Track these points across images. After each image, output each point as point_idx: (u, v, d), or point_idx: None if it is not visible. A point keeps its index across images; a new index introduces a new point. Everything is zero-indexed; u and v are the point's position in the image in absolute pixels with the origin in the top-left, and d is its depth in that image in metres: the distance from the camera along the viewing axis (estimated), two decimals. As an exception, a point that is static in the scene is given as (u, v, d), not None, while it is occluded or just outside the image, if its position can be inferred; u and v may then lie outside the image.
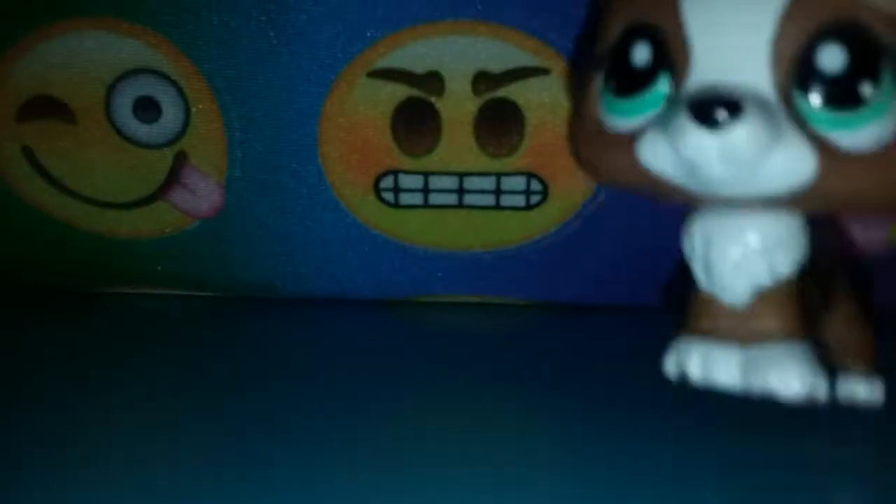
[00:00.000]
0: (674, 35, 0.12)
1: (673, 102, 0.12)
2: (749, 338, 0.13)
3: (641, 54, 0.12)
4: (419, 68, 0.22)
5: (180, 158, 0.23)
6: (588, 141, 0.14)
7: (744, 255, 0.13)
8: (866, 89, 0.11)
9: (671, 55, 0.12)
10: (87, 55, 0.22)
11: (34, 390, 0.19)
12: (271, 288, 0.25)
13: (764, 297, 0.13)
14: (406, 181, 0.23)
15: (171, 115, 0.23)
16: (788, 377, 0.13)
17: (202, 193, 0.24)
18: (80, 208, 0.24)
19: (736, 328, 0.14)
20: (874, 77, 0.11)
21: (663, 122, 0.12)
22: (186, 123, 0.23)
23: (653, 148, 0.12)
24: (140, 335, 0.24)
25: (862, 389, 0.16)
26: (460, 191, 0.23)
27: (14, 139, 0.23)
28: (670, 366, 0.14)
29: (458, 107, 0.22)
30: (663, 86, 0.12)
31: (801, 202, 0.12)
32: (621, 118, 0.13)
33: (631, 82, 0.13)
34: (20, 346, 0.22)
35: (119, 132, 0.23)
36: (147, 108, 0.23)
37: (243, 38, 0.22)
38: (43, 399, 0.19)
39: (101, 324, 0.24)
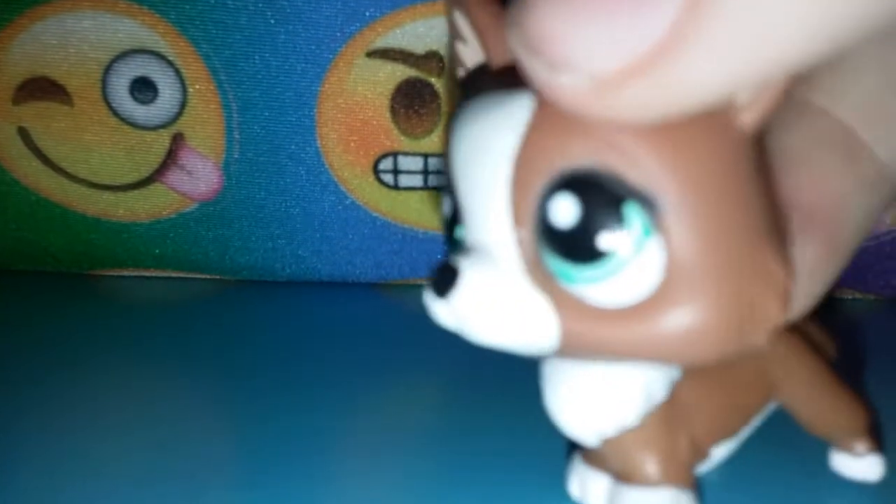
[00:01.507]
0: (455, 189, 0.11)
1: None
2: (617, 474, 0.13)
3: (446, 203, 0.12)
4: (419, 48, 0.22)
5: (178, 140, 0.23)
6: None
7: (577, 407, 0.12)
8: (604, 241, 0.10)
9: (457, 209, 0.11)
10: (83, 35, 0.22)
11: (27, 373, 0.19)
12: (270, 270, 0.25)
13: (615, 442, 0.12)
14: (405, 163, 0.23)
15: (167, 96, 0.23)
16: None
17: (200, 175, 0.23)
18: (76, 190, 0.24)
19: (602, 463, 0.13)
20: (612, 227, 0.10)
21: None
22: (184, 104, 0.23)
23: None
24: (137, 318, 0.24)
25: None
26: (460, 172, 0.23)
27: (10, 121, 0.23)
28: (568, 477, 0.15)
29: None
30: (460, 237, 0.12)
31: (565, 354, 0.11)
32: None
33: (447, 229, 0.12)
34: (15, 328, 0.22)
35: (116, 113, 0.23)
36: (144, 89, 0.23)
37: (241, 17, 0.22)
38: (36, 382, 0.19)
39: (97, 307, 0.24)
